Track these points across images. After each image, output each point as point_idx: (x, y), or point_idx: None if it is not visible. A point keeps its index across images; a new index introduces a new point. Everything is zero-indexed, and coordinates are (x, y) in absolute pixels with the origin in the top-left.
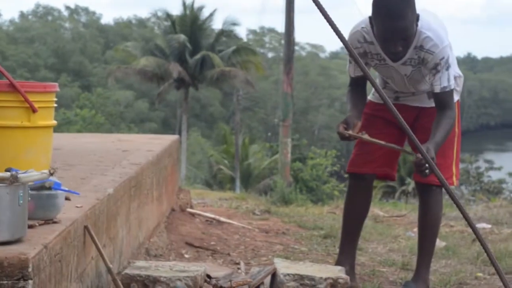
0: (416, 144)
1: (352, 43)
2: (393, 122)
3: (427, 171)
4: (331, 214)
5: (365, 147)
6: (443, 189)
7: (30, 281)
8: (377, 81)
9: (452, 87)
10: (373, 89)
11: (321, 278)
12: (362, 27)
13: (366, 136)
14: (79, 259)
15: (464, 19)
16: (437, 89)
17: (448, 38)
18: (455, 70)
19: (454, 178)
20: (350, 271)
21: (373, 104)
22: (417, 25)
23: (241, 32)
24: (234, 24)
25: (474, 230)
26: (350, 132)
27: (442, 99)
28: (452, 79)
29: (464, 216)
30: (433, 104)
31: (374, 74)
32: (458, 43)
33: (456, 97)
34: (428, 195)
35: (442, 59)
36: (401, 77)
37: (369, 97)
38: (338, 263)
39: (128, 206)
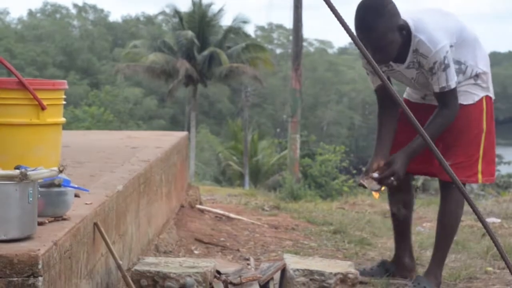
0: (429, 144)
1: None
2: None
3: (391, 181)
4: (340, 210)
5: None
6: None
7: (40, 278)
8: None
9: (452, 86)
10: (407, 88)
11: (330, 273)
12: None
13: (375, 194)
14: (88, 256)
15: (472, 13)
16: (436, 89)
17: (451, 37)
18: (478, 66)
19: (480, 175)
20: (411, 263)
21: (407, 102)
22: (402, 31)
23: (249, 28)
24: (245, 22)
25: (484, 224)
26: (364, 183)
27: (442, 98)
28: (452, 78)
29: (474, 210)
30: None
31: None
32: None
33: (482, 93)
34: (445, 192)
35: (435, 62)
36: (409, 80)
37: (404, 95)
38: (396, 258)
39: (138, 203)
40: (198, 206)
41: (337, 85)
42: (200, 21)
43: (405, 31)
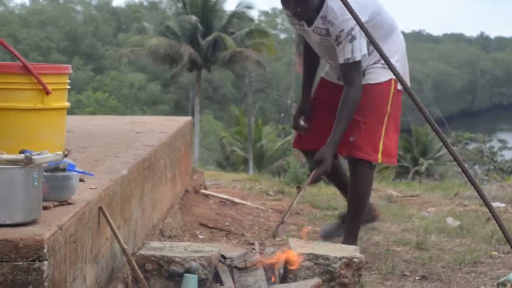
0: (431, 124)
1: (282, 6)
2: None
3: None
4: None
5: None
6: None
7: (46, 262)
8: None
9: (357, 59)
10: (326, 66)
11: (335, 257)
12: None
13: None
14: (93, 240)
15: None
16: (340, 60)
17: (365, 13)
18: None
19: (380, 155)
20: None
21: (323, 80)
22: None
23: (253, 13)
24: (249, 7)
25: (489, 207)
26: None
27: (345, 71)
28: (357, 51)
29: (478, 192)
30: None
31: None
32: (471, 22)
33: (389, 76)
34: (352, 169)
35: (341, 31)
36: (315, 44)
37: (322, 74)
38: None
39: (142, 188)
40: (203, 191)
41: None
42: (204, 6)
43: None
